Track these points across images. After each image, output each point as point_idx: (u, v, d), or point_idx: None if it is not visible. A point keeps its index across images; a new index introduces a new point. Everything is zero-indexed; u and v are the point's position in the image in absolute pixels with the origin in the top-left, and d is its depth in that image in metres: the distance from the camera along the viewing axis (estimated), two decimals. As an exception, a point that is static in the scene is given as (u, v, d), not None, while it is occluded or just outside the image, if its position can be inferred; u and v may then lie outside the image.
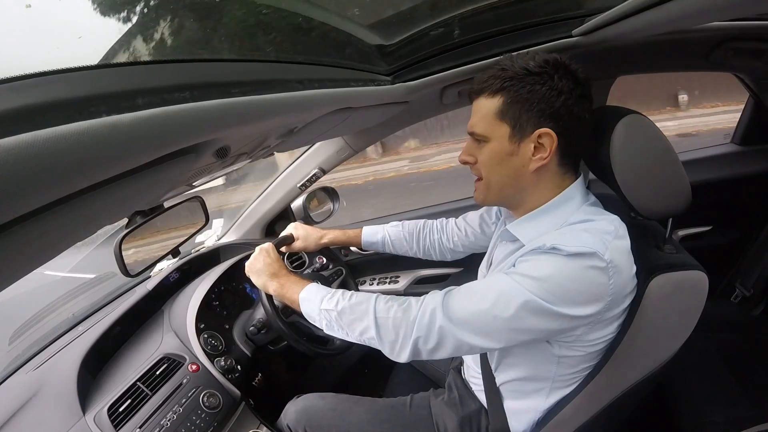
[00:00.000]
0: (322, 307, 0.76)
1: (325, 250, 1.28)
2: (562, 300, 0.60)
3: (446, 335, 0.64)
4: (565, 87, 0.64)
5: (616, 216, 0.68)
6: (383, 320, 0.69)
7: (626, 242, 0.65)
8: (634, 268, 0.66)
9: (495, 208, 0.98)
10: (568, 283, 0.60)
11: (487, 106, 0.68)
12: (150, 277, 1.27)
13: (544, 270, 0.61)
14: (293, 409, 0.97)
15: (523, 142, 0.66)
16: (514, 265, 0.66)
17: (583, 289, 0.60)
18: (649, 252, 0.71)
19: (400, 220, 1.58)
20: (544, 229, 0.68)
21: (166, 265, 1.32)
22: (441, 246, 1.11)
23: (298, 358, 1.27)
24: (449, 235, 1.10)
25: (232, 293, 1.28)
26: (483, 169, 0.71)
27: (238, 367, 1.05)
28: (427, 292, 0.70)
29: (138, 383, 0.91)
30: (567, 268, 0.60)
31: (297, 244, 1.12)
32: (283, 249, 1.09)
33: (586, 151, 0.74)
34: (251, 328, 1.12)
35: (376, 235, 1.14)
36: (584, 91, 0.67)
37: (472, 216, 1.06)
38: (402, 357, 0.68)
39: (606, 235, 0.62)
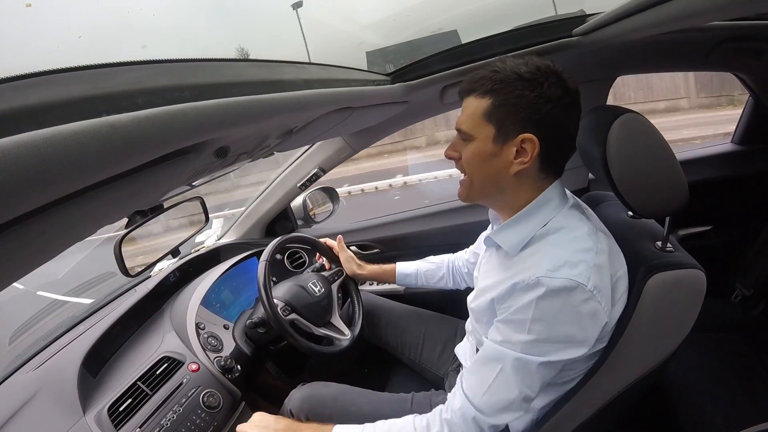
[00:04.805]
0: None
1: (325, 250, 1.28)
2: (569, 342, 0.63)
3: (499, 425, 0.69)
4: (554, 95, 0.64)
5: (590, 226, 0.69)
6: None
7: (603, 257, 0.66)
8: (620, 271, 0.68)
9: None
10: (565, 327, 0.63)
11: (475, 105, 0.68)
12: (150, 276, 1.27)
13: (539, 328, 0.63)
14: (298, 396, 0.98)
15: (506, 144, 0.67)
16: (495, 307, 0.68)
17: (581, 323, 0.63)
18: (647, 251, 0.71)
19: (398, 220, 1.58)
20: (524, 235, 0.69)
21: (166, 265, 1.32)
22: (471, 277, 1.13)
23: (298, 357, 1.27)
24: (469, 267, 1.12)
25: (232, 293, 1.28)
26: (466, 167, 0.73)
27: (238, 366, 1.05)
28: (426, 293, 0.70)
29: (138, 383, 0.91)
30: (557, 312, 0.62)
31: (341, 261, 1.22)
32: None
33: (570, 156, 0.74)
34: (251, 328, 1.12)
35: (408, 268, 1.21)
36: (572, 100, 0.67)
37: (479, 243, 1.06)
38: None
39: (587, 254, 0.63)
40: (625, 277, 0.69)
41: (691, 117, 6.62)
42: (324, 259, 1.31)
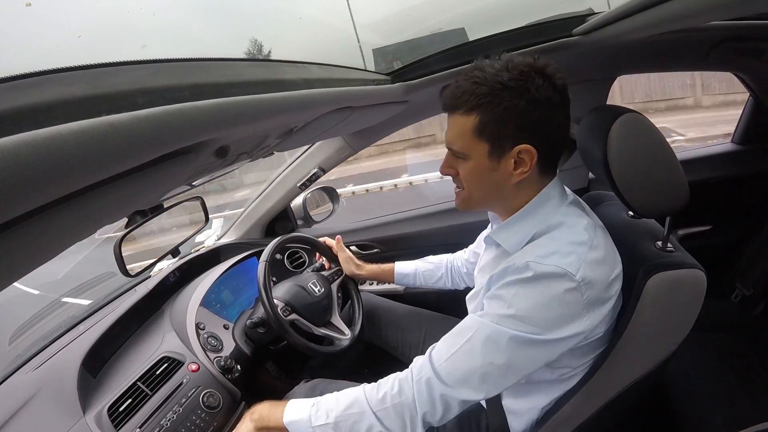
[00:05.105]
0: (315, 424, 0.71)
1: (325, 250, 1.28)
2: (545, 327, 0.61)
3: (450, 400, 0.65)
4: (542, 97, 0.62)
5: (590, 220, 0.69)
6: (384, 411, 0.68)
7: (600, 252, 0.65)
8: (615, 271, 0.67)
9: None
10: (544, 311, 0.61)
11: (462, 123, 0.65)
12: (150, 276, 1.27)
13: (519, 304, 0.61)
14: (302, 390, 0.98)
15: (503, 158, 0.65)
16: (489, 289, 0.67)
17: (561, 311, 0.61)
18: (648, 251, 0.71)
19: (398, 220, 1.58)
20: (525, 233, 0.68)
21: (166, 265, 1.32)
22: (470, 277, 1.13)
23: (298, 357, 1.27)
24: (468, 267, 1.12)
25: (232, 293, 1.28)
26: (465, 183, 0.71)
27: (238, 366, 1.05)
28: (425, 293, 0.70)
29: (138, 383, 0.91)
30: (540, 295, 0.61)
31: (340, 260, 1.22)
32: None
33: (565, 151, 0.73)
34: (251, 328, 1.12)
35: (407, 267, 1.21)
36: (561, 97, 0.64)
37: (479, 242, 1.06)
38: None
39: (580, 248, 0.63)
40: (620, 278, 0.68)
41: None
42: (324, 258, 1.31)
